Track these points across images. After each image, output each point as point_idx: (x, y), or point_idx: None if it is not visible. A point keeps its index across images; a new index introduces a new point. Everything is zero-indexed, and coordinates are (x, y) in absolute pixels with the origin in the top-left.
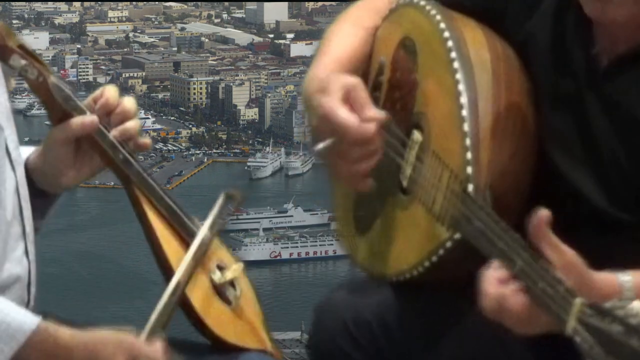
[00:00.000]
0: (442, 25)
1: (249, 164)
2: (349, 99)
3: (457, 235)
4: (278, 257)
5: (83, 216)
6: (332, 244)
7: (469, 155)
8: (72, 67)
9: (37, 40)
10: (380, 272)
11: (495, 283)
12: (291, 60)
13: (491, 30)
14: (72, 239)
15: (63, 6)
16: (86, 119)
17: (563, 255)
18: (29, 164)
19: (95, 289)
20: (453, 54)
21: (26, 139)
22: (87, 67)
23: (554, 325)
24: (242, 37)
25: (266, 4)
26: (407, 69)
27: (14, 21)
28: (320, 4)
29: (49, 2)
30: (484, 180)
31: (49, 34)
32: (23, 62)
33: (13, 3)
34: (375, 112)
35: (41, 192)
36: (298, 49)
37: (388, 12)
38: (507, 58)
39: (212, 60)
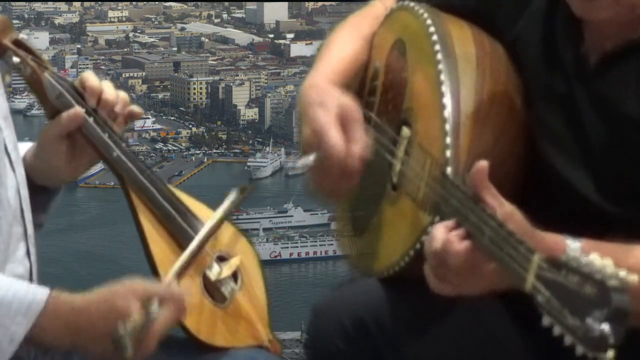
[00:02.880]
0: (429, 21)
1: (249, 164)
2: (343, 120)
3: (437, 219)
4: (278, 257)
5: (83, 216)
6: (332, 244)
7: (448, 139)
8: (72, 67)
9: (37, 40)
10: (373, 270)
11: (443, 229)
12: (291, 60)
13: (480, 29)
14: (72, 239)
15: (63, 6)
16: (71, 112)
17: (502, 207)
18: (26, 161)
19: (95, 289)
20: (437, 47)
21: (26, 138)
22: (87, 67)
23: (507, 282)
24: (242, 37)
25: (266, 4)
26: (398, 69)
27: (14, 21)
28: (320, 4)
29: (49, 2)
30: (463, 163)
31: (49, 34)
32: (16, 59)
33: (13, 3)
34: (360, 148)
35: (41, 187)
36: (298, 49)
37: (384, 19)
38: (494, 52)
39: (212, 60)
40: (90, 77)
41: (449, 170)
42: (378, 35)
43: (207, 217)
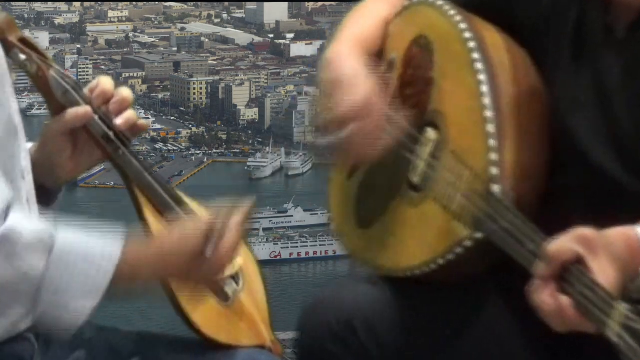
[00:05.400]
0: (463, 25)
1: (249, 164)
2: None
3: (479, 235)
4: (278, 257)
5: (83, 216)
6: (332, 244)
7: (493, 156)
8: (72, 67)
9: (37, 40)
10: (382, 267)
11: (548, 299)
12: (291, 60)
13: (506, 34)
14: None
15: (63, 6)
16: (80, 110)
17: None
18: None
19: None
20: (475, 55)
21: (26, 139)
22: (87, 67)
23: (590, 328)
24: (242, 37)
25: (266, 4)
26: (422, 67)
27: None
28: (320, 4)
29: (49, 2)
30: (509, 181)
31: (49, 34)
32: (23, 56)
33: (13, 3)
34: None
35: (41, 187)
36: (298, 49)
37: (401, 9)
38: (522, 59)
39: (212, 60)
40: (107, 81)
41: (496, 188)
42: (394, 25)
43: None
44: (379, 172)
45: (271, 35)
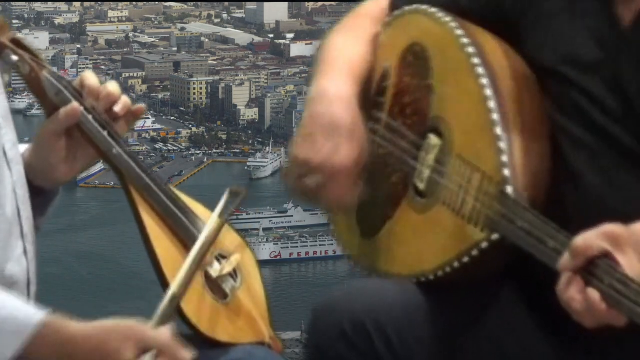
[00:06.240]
0: (459, 32)
1: (249, 164)
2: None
3: (495, 236)
4: (278, 257)
5: (83, 216)
6: (332, 244)
7: (504, 158)
8: (72, 67)
9: (37, 40)
10: (390, 273)
11: (576, 295)
12: (291, 60)
13: (499, 38)
14: (72, 239)
15: (63, 6)
16: (68, 108)
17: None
18: (24, 160)
19: (95, 289)
20: (475, 60)
21: (26, 139)
22: (87, 67)
23: (621, 321)
24: (242, 37)
25: (266, 4)
26: (419, 75)
27: (14, 21)
28: (320, 4)
29: (49, 2)
30: (521, 182)
31: (49, 34)
32: (15, 57)
33: (13, 3)
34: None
35: (39, 189)
36: (298, 49)
37: (390, 19)
38: (522, 66)
39: (212, 60)
40: (90, 76)
41: (509, 189)
42: (386, 35)
43: (206, 216)
44: (381, 181)
45: (271, 35)
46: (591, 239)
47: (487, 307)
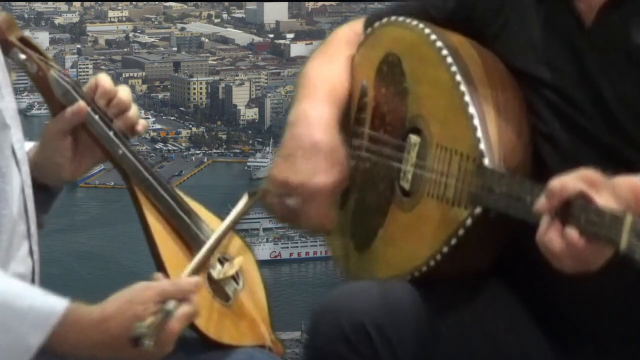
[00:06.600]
0: (427, 30)
1: (249, 164)
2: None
3: (478, 210)
4: (278, 257)
5: (83, 216)
6: None
7: (479, 133)
8: (72, 67)
9: (37, 40)
10: (390, 277)
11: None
12: (291, 60)
13: (466, 36)
14: (72, 239)
15: (63, 6)
16: (74, 107)
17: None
18: (29, 159)
19: (95, 289)
20: (444, 52)
21: (26, 138)
22: (87, 67)
23: (605, 255)
24: (242, 37)
25: (266, 4)
26: (394, 82)
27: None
28: (320, 4)
29: (49, 2)
30: (497, 154)
31: (49, 34)
32: (23, 56)
33: (13, 3)
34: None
35: (43, 186)
36: (298, 49)
37: (364, 39)
38: (491, 56)
39: (212, 60)
40: (105, 79)
41: (486, 161)
42: (360, 55)
43: (208, 217)
44: (370, 194)
45: (271, 35)
46: (567, 180)
47: (485, 305)
